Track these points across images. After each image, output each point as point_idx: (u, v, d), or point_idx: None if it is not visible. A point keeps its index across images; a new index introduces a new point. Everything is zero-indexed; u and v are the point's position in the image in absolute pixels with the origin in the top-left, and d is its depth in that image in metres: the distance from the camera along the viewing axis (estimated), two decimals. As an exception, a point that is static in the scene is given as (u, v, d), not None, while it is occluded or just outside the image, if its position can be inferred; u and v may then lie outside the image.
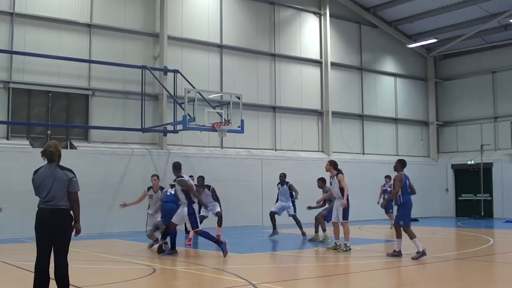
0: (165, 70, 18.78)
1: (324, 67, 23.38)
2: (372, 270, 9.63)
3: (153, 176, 12.74)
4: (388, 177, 18.36)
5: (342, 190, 11.85)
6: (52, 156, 6.41)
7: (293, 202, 15.11)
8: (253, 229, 16.16)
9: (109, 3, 18.56)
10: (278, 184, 15.35)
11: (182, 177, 10.92)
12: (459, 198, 26.12)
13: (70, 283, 6.16)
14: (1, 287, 8.10)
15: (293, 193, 15.13)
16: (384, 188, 18.43)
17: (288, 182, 15.20)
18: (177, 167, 11.20)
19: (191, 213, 10.82)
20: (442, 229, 18.87)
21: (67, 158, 16.55)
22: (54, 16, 17.35)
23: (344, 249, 11.62)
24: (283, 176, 15.25)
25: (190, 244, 13.32)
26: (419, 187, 16.24)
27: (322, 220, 14.00)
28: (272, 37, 22.18)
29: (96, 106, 18.07)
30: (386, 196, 17.84)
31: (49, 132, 17.05)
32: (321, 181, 15.28)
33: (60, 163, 6.58)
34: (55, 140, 6.98)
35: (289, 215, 15.12)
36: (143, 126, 18.14)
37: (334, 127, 23.45)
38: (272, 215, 15.00)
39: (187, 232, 15.75)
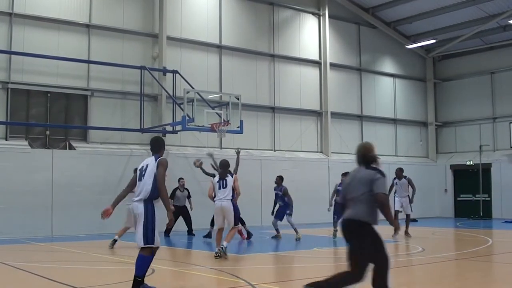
0: (164, 71, 18.77)
1: (323, 68, 23.38)
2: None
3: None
4: (346, 174, 14.12)
5: None
6: (359, 159, 5.86)
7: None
8: (252, 230, 16.12)
9: (108, 3, 18.56)
10: (394, 179, 15.54)
11: None
12: (458, 199, 26.13)
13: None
14: (0, 288, 8.09)
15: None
16: (339, 187, 14.76)
17: (406, 176, 15.52)
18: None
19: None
20: (441, 230, 18.87)
21: (66, 158, 16.66)
22: (53, 17, 17.33)
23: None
24: (400, 171, 15.54)
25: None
26: (418, 187, 16.33)
27: None
28: (271, 38, 22.18)
29: (95, 106, 18.06)
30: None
31: (48, 132, 17.02)
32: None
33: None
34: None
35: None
36: (142, 127, 18.14)
37: (333, 127, 23.45)
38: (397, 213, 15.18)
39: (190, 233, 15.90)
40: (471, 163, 25.08)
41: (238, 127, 17.02)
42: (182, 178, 16.43)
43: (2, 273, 9.29)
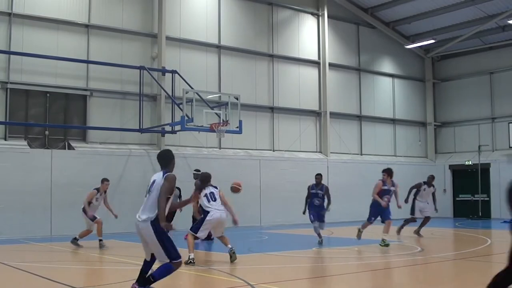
0: (163, 71, 18.77)
1: (322, 68, 23.39)
2: (371, 271, 9.64)
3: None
4: (388, 171, 13.39)
5: None
6: None
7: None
8: (251, 230, 16.17)
9: (107, 3, 18.55)
10: (424, 184, 15.72)
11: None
12: (457, 199, 26.15)
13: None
14: (-1, 288, 8.09)
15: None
16: (385, 187, 13.36)
17: (434, 185, 15.80)
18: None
19: None
20: (440, 230, 18.86)
21: (65, 158, 16.66)
22: (52, 17, 17.33)
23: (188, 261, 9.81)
24: (432, 179, 15.76)
25: None
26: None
27: None
28: (270, 38, 22.18)
29: (94, 106, 18.05)
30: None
31: (47, 132, 17.02)
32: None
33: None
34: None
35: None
36: (141, 127, 18.14)
37: (332, 127, 23.46)
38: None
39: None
40: (470, 163, 25.10)
41: (237, 127, 17.02)
42: None
43: (1, 273, 9.29)
